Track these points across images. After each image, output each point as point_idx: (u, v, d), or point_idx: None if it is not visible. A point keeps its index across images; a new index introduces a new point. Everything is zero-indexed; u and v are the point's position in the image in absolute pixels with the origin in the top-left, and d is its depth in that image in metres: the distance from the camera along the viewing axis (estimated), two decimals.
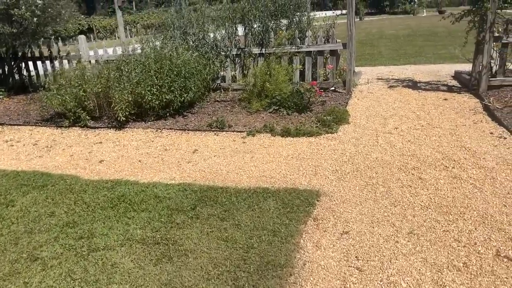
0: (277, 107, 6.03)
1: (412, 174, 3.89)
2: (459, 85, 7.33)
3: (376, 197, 3.54)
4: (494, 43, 6.26)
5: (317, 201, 3.52)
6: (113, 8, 13.12)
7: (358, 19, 31.20)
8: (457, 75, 8.01)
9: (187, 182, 4.06)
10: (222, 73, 7.50)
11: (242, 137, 5.25)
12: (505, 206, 3.23)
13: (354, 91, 7.21)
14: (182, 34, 7.07)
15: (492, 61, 6.32)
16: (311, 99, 5.98)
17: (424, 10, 37.49)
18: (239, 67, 7.43)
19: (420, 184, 3.70)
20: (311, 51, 7.14)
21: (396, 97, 6.69)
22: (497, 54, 6.46)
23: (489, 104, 5.59)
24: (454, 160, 4.10)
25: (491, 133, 4.76)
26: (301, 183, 3.89)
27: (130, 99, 5.72)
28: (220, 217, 3.31)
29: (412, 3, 38.23)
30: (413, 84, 7.61)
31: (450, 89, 7.06)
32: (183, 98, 5.95)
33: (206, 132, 5.54)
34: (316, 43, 7.04)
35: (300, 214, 3.30)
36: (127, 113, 5.76)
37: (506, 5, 6.05)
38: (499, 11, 6.08)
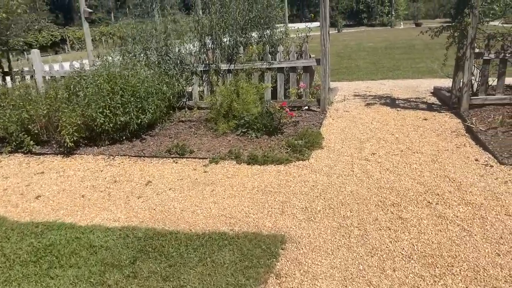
0: (245, 130, 5.51)
1: (392, 213, 3.39)
2: (439, 103, 6.96)
3: (350, 243, 3.02)
4: (475, 60, 5.90)
5: (282, 249, 2.98)
6: (91, 19, 12.46)
7: (336, 31, 31.22)
8: (436, 92, 7.67)
9: (132, 225, 3.47)
10: (190, 88, 6.95)
11: (204, 165, 4.69)
12: (498, 256, 2.75)
13: (329, 110, 6.75)
14: (143, 49, 6.50)
15: (472, 77, 5.95)
16: (282, 120, 5.47)
17: (401, 23, 37.89)
18: (206, 84, 6.89)
19: (400, 225, 3.20)
20: (283, 67, 6.67)
21: (374, 116, 6.25)
22: (478, 71, 6.11)
23: (472, 125, 5.20)
24: (438, 194, 3.63)
25: (476, 159, 4.33)
26: (265, 224, 3.35)
27: (80, 122, 5.10)
28: (163, 275, 2.73)
29: (389, 15, 38.61)
30: (392, 102, 7.22)
31: (430, 107, 6.67)
32: (140, 120, 5.36)
33: (164, 159, 4.96)
34: (289, 58, 6.57)
35: (260, 269, 2.75)
36: (76, 138, 5.14)
37: (487, 19, 5.71)
38: (480, 25, 5.73)
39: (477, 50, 5.81)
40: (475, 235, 3.01)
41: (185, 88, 6.80)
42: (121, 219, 3.62)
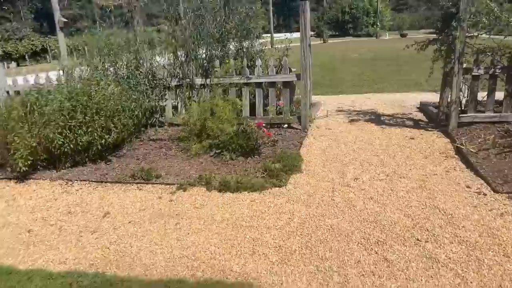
0: (219, 151, 5.08)
1: (376, 253, 2.99)
2: (426, 119, 6.64)
3: None
4: (464, 76, 5.60)
5: None
6: (76, 28, 11.94)
7: (322, 42, 31.16)
8: (423, 107, 7.36)
9: (79, 269, 3.00)
10: (164, 103, 6.51)
11: (170, 192, 4.24)
12: None
13: (311, 127, 6.37)
14: (111, 63, 6.06)
15: (461, 94, 5.64)
16: (259, 141, 5.06)
17: (387, 33, 38.11)
18: (181, 100, 6.46)
19: (386, 269, 2.80)
20: (262, 83, 6.28)
21: (357, 135, 5.89)
22: (467, 87, 5.80)
23: (461, 146, 4.86)
24: (427, 230, 3.25)
25: (468, 186, 3.97)
26: (232, 269, 2.92)
27: (34, 144, 4.62)
28: None
29: (374, 26, 38.81)
30: (376, 118, 6.87)
31: (416, 124, 6.34)
32: (104, 141, 4.90)
33: (128, 184, 4.50)
34: (267, 73, 6.19)
35: None
36: (30, 161, 4.65)
37: (476, 33, 5.42)
38: (468, 39, 5.43)
39: (465, 65, 5.51)
40: (470, 282, 2.62)
41: (157, 104, 6.36)
42: (68, 260, 3.15)
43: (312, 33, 43.79)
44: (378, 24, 39.02)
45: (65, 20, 10.93)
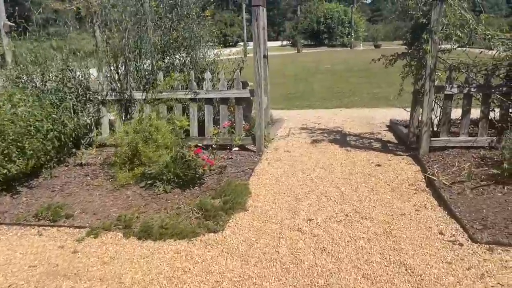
0: (151, 181, 4.27)
1: None
2: (395, 141, 6.00)
3: None
4: (436, 94, 4.98)
5: None
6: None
7: (296, 51, 30.76)
8: (393, 126, 6.74)
9: None
10: (101, 121, 5.65)
11: (77, 240, 3.39)
12: None
13: (268, 149, 5.63)
14: (28, 75, 5.17)
15: (432, 113, 5.01)
16: (198, 170, 4.26)
17: (361, 44, 38.11)
18: (119, 117, 5.61)
19: None
20: (212, 99, 5.52)
21: (318, 159, 5.18)
22: (440, 107, 5.19)
23: (433, 177, 4.19)
24: None
25: (441, 233, 3.28)
26: None
27: None
28: None
29: (349, 36, 38.78)
30: (342, 138, 6.20)
31: (384, 146, 5.69)
32: (6, 171, 4.00)
33: (29, 227, 3.62)
34: (218, 88, 5.44)
35: None
36: None
37: (449, 46, 4.81)
38: (440, 54, 4.82)
39: (437, 83, 4.89)
40: None
41: (92, 121, 5.50)
42: None
43: (287, 42, 43.55)
44: (353, 34, 38.98)
45: (11, 24, 9.91)
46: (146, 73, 5.48)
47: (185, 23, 5.40)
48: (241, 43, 40.53)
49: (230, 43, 47.37)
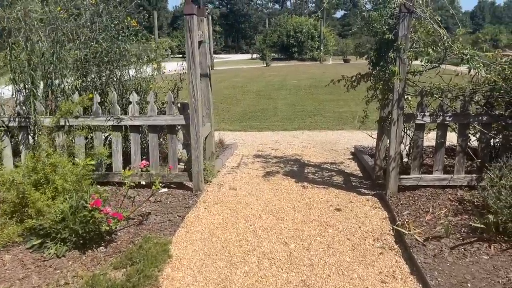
0: (41, 240, 3.23)
1: None
2: (359, 173, 5.19)
3: None
4: (405, 124, 4.19)
5: None
6: None
7: (265, 65, 30.14)
8: (357, 154, 5.94)
9: None
10: (7, 149, 4.58)
11: None
12: None
13: (210, 185, 4.70)
14: None
15: (402, 145, 4.22)
16: (101, 226, 3.24)
17: (330, 58, 37.98)
18: (24, 147, 4.54)
19: None
20: (140, 126, 4.54)
21: (268, 200, 4.27)
22: (409, 137, 4.41)
23: (404, 230, 3.35)
24: None
25: None
26: None
27: None
28: None
29: (318, 50, 38.60)
30: (299, 170, 5.34)
31: (347, 182, 4.86)
32: None
33: None
34: (146, 113, 4.48)
35: None
36: None
37: (419, 67, 4.03)
38: (410, 76, 4.05)
39: (407, 110, 4.10)
40: None
41: None
42: None
43: (257, 55, 42.94)
44: (322, 48, 38.82)
45: None
46: (59, 94, 4.45)
47: (106, 34, 4.41)
48: (214, 56, 39.70)
49: None
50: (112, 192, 4.23)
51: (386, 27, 4.01)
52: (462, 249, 3.09)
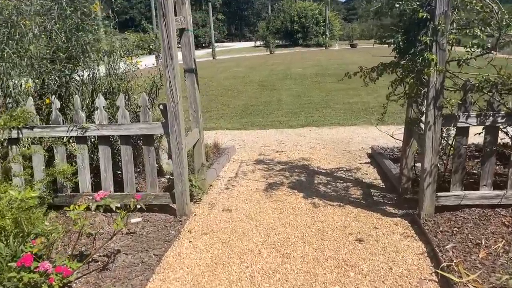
0: None
1: None
2: (380, 183, 4.31)
3: None
4: (444, 128, 3.29)
5: None
6: None
7: (268, 53, 29.03)
8: (376, 157, 5.05)
9: None
10: None
11: None
12: None
13: (199, 206, 3.85)
14: None
15: (439, 151, 3.31)
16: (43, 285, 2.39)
17: (336, 44, 36.69)
18: None
19: None
20: (110, 136, 3.68)
21: (271, 226, 3.41)
22: (449, 147, 3.50)
23: (453, 278, 2.47)
24: None
25: None
26: None
27: None
28: None
29: (324, 36, 37.30)
30: (308, 179, 4.47)
31: (367, 196, 3.98)
32: None
33: None
34: (116, 121, 3.61)
35: None
36: None
37: (463, 54, 3.09)
38: (449, 68, 3.12)
39: (445, 110, 3.18)
40: None
41: None
42: None
43: (261, 43, 41.65)
44: (327, 34, 37.49)
45: None
46: (9, 99, 3.60)
47: (64, 24, 3.52)
48: (216, 44, 38.56)
49: (203, 45, 45.36)
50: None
51: (417, 3, 3.07)
52: None
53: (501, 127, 3.24)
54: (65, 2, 3.65)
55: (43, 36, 3.56)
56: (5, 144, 3.57)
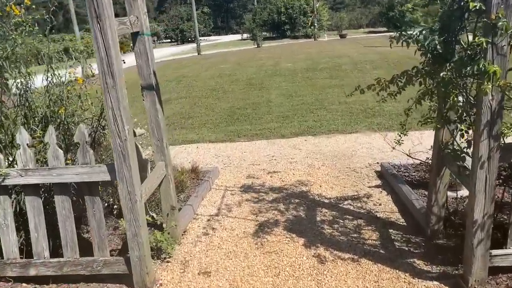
0: None
1: None
2: (399, 219, 3.40)
3: None
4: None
5: None
6: None
7: (256, 46, 27.95)
8: (389, 179, 4.14)
9: None
10: None
11: None
12: None
13: (167, 269, 2.91)
14: None
15: (495, 196, 2.40)
16: None
17: (325, 34, 35.65)
18: None
19: None
20: (38, 185, 2.70)
21: None
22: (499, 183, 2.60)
23: None
24: None
25: None
26: None
27: None
28: None
29: (312, 27, 36.24)
30: (308, 215, 3.55)
31: (385, 241, 3.07)
32: None
33: None
34: (44, 163, 2.64)
35: None
36: None
37: None
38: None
39: (502, 141, 2.27)
40: None
41: None
42: None
43: (247, 35, 40.45)
44: (316, 24, 36.41)
45: None
46: None
47: None
48: (202, 38, 37.35)
49: (189, 39, 44.04)
50: None
51: None
52: None
53: None
54: None
55: None
56: None
